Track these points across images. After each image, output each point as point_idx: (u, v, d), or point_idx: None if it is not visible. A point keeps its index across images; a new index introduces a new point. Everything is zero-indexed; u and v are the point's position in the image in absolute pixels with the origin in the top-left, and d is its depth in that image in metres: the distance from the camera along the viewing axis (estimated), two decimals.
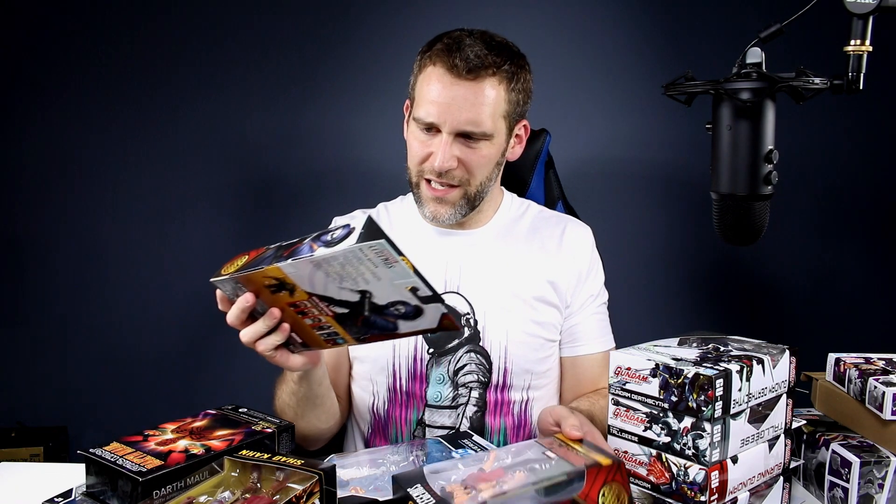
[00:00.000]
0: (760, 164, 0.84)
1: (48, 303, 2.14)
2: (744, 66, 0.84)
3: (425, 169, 1.09)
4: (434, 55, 1.06)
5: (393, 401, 1.11)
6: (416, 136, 1.09)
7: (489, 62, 1.05)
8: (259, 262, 0.78)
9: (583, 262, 1.18)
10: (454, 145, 1.06)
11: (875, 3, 0.77)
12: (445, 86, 1.04)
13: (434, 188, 1.10)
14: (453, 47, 1.05)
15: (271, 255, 0.77)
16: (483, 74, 1.04)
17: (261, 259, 0.79)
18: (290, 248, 0.76)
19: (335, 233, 0.72)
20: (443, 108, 1.05)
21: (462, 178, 1.09)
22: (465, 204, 1.12)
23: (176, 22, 2.07)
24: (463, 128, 1.05)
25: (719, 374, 0.76)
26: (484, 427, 1.10)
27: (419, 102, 1.08)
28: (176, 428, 0.84)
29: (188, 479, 0.75)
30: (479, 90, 1.05)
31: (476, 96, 1.05)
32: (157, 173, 2.10)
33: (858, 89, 0.81)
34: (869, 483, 0.87)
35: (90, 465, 0.77)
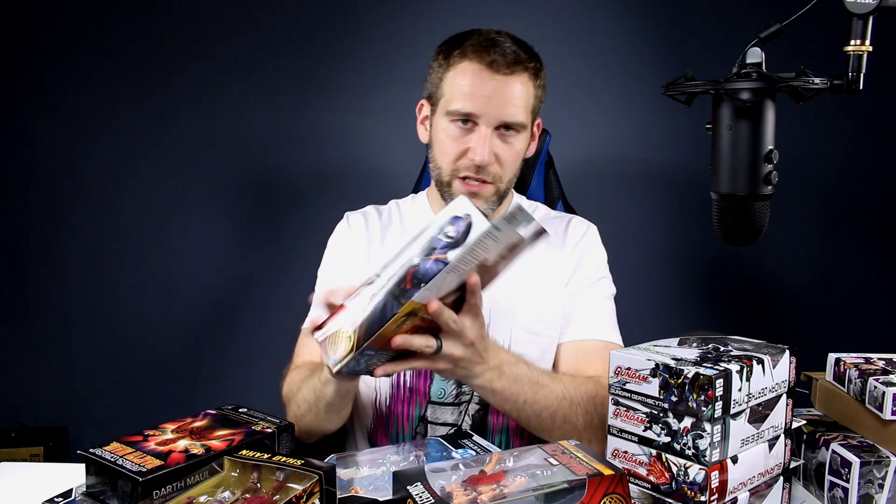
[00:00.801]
0: (760, 164, 0.84)
1: (49, 303, 2.14)
2: (744, 66, 0.83)
3: (461, 166, 1.09)
4: (468, 51, 1.07)
5: (396, 396, 1.11)
6: (450, 132, 1.09)
7: (522, 58, 1.07)
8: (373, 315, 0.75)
9: (581, 252, 1.18)
10: (491, 139, 1.07)
11: (875, 3, 0.77)
12: (484, 80, 1.05)
13: (470, 184, 1.09)
14: (488, 44, 1.06)
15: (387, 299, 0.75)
16: (517, 70, 1.06)
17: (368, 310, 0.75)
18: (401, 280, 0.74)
19: (448, 231, 0.74)
20: (483, 100, 1.05)
21: (496, 174, 1.09)
22: (496, 200, 1.12)
23: (178, 22, 2.07)
24: (503, 119, 1.06)
25: (719, 374, 0.76)
26: (486, 425, 1.10)
27: (453, 96, 1.07)
28: (176, 428, 0.84)
29: (188, 479, 0.75)
30: (515, 84, 1.07)
31: (513, 90, 1.06)
32: (159, 173, 2.11)
33: (858, 89, 0.81)
34: (869, 483, 0.87)
35: (90, 465, 0.77)
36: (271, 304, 2.05)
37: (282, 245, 2.07)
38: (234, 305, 2.13)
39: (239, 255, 2.11)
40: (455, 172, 1.10)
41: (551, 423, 0.99)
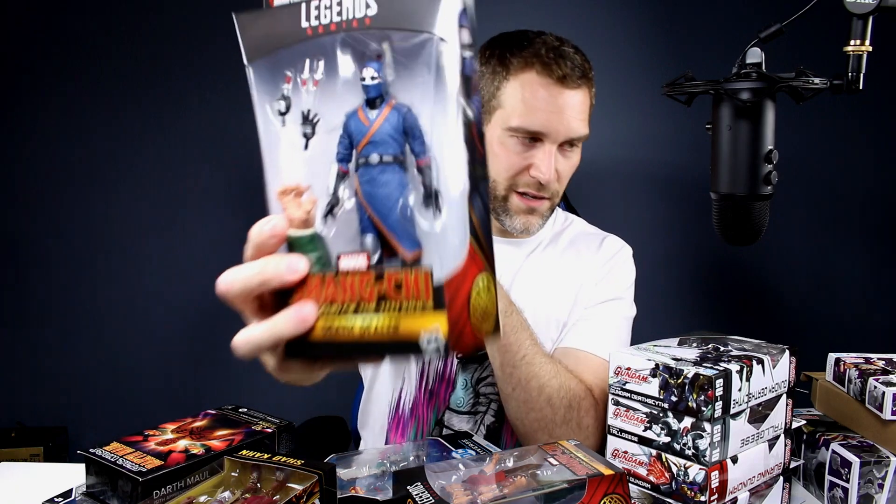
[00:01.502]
0: (760, 164, 0.84)
1: (48, 303, 2.14)
2: (744, 66, 0.83)
3: (521, 182, 1.05)
4: (535, 62, 1.01)
5: (417, 399, 1.11)
6: (510, 146, 1.03)
7: (587, 69, 1.04)
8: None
9: (608, 269, 1.15)
10: (555, 154, 1.03)
11: (875, 4, 0.77)
12: (554, 96, 1.01)
13: (529, 200, 1.06)
14: (555, 54, 1.01)
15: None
16: (583, 83, 1.03)
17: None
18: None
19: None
20: (554, 117, 1.01)
21: (555, 190, 1.07)
22: (549, 213, 1.10)
23: (177, 20, 2.07)
24: (570, 135, 1.02)
25: (719, 374, 0.76)
26: (500, 439, 1.09)
27: (517, 111, 1.02)
28: (176, 428, 0.84)
29: (188, 479, 0.75)
30: (581, 97, 1.03)
31: (580, 103, 1.03)
32: (159, 174, 2.11)
33: (858, 89, 0.81)
34: (869, 483, 0.87)
35: (90, 465, 0.77)
36: None
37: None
38: None
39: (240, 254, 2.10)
40: (513, 187, 1.06)
41: (536, 396, 0.95)
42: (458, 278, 0.45)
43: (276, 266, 0.47)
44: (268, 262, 0.48)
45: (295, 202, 0.50)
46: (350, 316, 0.47)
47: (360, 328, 0.47)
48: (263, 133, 0.51)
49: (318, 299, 0.48)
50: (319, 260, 0.49)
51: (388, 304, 0.46)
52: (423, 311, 0.45)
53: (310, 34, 0.48)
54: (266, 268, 0.48)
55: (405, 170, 0.48)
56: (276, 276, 0.47)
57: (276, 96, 0.51)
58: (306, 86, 0.50)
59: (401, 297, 0.46)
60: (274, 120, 0.51)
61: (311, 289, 0.49)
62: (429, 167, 0.46)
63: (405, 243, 0.47)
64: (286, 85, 0.50)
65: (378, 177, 0.48)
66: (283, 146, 0.50)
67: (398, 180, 0.48)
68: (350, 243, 0.49)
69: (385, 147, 0.48)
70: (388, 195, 0.47)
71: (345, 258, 0.48)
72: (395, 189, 0.47)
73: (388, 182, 0.48)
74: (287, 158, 0.50)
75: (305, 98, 0.50)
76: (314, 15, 0.48)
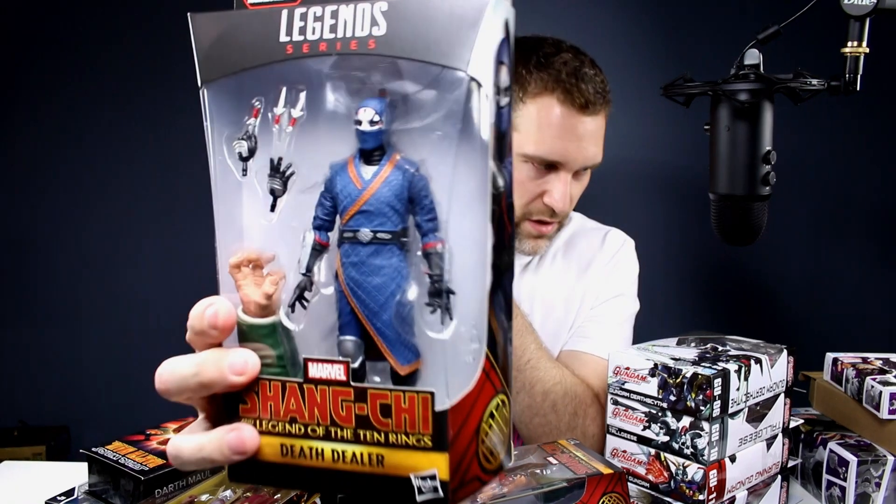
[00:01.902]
0: (758, 164, 0.84)
1: (51, 303, 2.15)
2: (742, 67, 0.84)
3: (535, 209, 1.01)
4: (555, 87, 0.95)
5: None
6: (524, 172, 0.98)
7: (607, 90, 0.99)
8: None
9: (612, 266, 1.14)
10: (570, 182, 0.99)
11: (871, 6, 0.78)
12: (574, 123, 0.96)
13: (540, 226, 1.03)
14: (576, 77, 0.96)
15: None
16: (603, 106, 0.99)
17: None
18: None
19: None
20: (572, 145, 0.96)
21: (565, 214, 1.03)
22: (556, 234, 1.08)
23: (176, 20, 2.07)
24: (587, 163, 0.99)
25: (717, 373, 0.76)
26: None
27: (534, 138, 0.95)
28: (178, 427, 0.85)
29: (190, 477, 0.76)
30: (599, 122, 0.99)
31: (597, 129, 0.99)
32: (159, 174, 2.11)
33: (855, 90, 0.81)
34: (866, 482, 0.88)
35: (92, 464, 0.78)
36: None
37: None
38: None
39: None
40: (526, 215, 1.02)
41: (541, 402, 0.93)
42: (467, 404, 0.34)
43: (216, 364, 0.36)
44: (206, 359, 0.36)
45: (253, 278, 0.37)
46: (318, 441, 0.35)
47: (331, 455, 0.35)
48: (218, 179, 0.38)
49: (273, 414, 0.36)
50: (280, 360, 0.37)
51: (371, 435, 0.34)
52: (418, 448, 0.33)
53: (290, 53, 0.35)
54: (204, 366, 0.36)
55: (406, 252, 0.36)
56: (216, 377, 0.36)
57: (238, 134, 0.38)
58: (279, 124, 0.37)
59: (389, 427, 0.34)
60: (232, 165, 0.38)
61: (266, 397, 0.36)
62: (439, 254, 0.35)
63: (399, 353, 0.36)
64: (252, 119, 0.37)
65: (369, 259, 0.36)
66: (243, 202, 0.38)
67: (395, 267, 0.36)
68: (323, 343, 0.37)
69: (381, 220, 0.36)
70: (380, 286, 0.35)
71: (315, 364, 0.35)
72: (391, 278, 0.36)
73: (382, 268, 0.36)
74: (246, 218, 0.38)
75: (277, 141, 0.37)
76: (298, 27, 0.35)
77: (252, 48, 0.36)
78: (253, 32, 0.36)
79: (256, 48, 0.36)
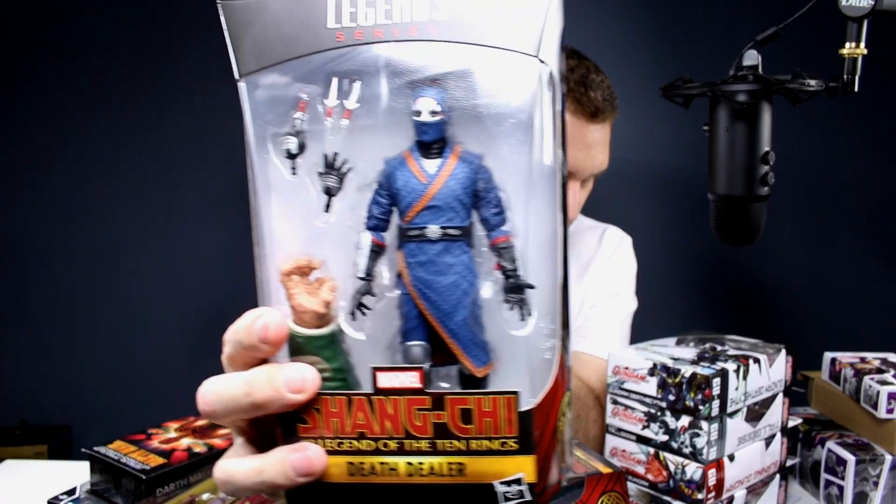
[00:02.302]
0: (757, 165, 0.85)
1: (53, 302, 2.15)
2: (740, 68, 0.84)
3: None
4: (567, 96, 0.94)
5: None
6: None
7: (614, 95, 0.99)
8: None
9: (611, 264, 1.13)
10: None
11: (870, 7, 0.78)
12: (583, 132, 0.95)
13: None
14: (585, 86, 0.95)
15: None
16: (611, 112, 0.98)
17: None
18: None
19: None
20: (581, 154, 0.96)
21: (571, 222, 1.04)
22: None
23: (176, 19, 2.07)
24: (595, 171, 0.99)
25: (716, 373, 0.76)
26: None
27: None
28: (179, 426, 0.85)
29: (191, 477, 0.76)
30: (606, 129, 0.99)
31: (605, 136, 0.99)
32: (161, 173, 2.11)
33: (853, 91, 0.82)
34: (864, 481, 0.88)
35: (94, 463, 0.78)
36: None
37: None
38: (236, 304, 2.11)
39: (241, 253, 2.10)
40: None
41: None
42: (548, 402, 0.32)
43: (270, 382, 0.32)
44: (257, 377, 0.33)
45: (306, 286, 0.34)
46: (390, 456, 0.33)
47: (406, 468, 0.33)
48: (260, 179, 0.35)
49: (338, 431, 0.33)
50: (339, 372, 0.34)
51: (450, 443, 0.32)
52: (502, 452, 0.32)
53: (340, 40, 0.32)
54: (256, 384, 0.33)
55: (472, 247, 0.34)
56: (271, 397, 0.32)
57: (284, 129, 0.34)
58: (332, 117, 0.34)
59: (470, 433, 0.32)
60: (279, 164, 0.35)
61: (328, 414, 0.33)
62: (508, 247, 0.33)
63: (474, 354, 0.33)
64: (299, 114, 0.34)
65: (438, 258, 0.33)
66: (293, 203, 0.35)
67: (466, 264, 0.33)
68: (387, 351, 0.34)
69: (450, 215, 0.33)
70: (452, 285, 0.33)
71: (386, 374, 0.32)
72: (463, 276, 0.33)
73: (453, 266, 0.33)
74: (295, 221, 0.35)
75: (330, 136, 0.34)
76: (348, 12, 0.32)
77: (297, 36, 0.33)
78: (297, 19, 0.33)
79: (302, 36, 0.33)
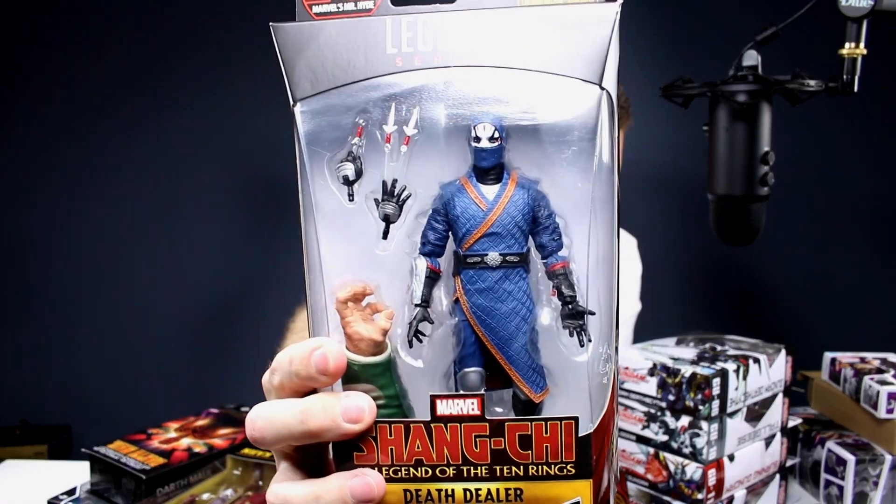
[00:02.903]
0: (757, 165, 0.85)
1: (53, 302, 2.15)
2: (740, 68, 0.84)
3: None
4: None
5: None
6: None
7: (629, 105, 0.99)
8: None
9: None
10: None
11: (869, 7, 0.78)
12: None
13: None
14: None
15: None
16: (625, 123, 0.99)
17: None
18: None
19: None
20: None
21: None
22: None
23: (176, 20, 2.08)
24: None
25: (716, 373, 0.76)
26: None
27: None
28: (179, 426, 0.85)
29: (191, 476, 0.76)
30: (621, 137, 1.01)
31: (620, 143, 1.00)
32: (161, 172, 2.12)
33: (853, 91, 0.82)
34: (864, 481, 0.88)
35: (94, 463, 0.78)
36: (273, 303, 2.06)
37: (283, 244, 2.08)
38: (237, 304, 2.14)
39: (241, 253, 2.11)
40: None
41: None
42: (604, 427, 0.33)
43: (326, 412, 0.32)
44: (312, 406, 0.33)
45: (361, 313, 0.34)
46: (448, 483, 0.33)
47: (464, 494, 0.33)
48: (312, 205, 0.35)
49: (395, 459, 0.33)
50: (394, 399, 0.34)
51: (509, 469, 0.32)
52: (560, 477, 0.32)
53: (399, 65, 0.32)
54: (312, 413, 0.32)
55: (529, 273, 0.34)
56: (328, 426, 0.32)
57: (341, 156, 0.34)
58: (391, 143, 0.33)
59: (528, 459, 0.32)
60: (336, 190, 0.34)
61: (385, 441, 0.33)
62: (566, 273, 0.33)
63: (532, 380, 0.34)
64: (357, 139, 0.34)
65: (497, 285, 0.33)
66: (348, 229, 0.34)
67: (524, 290, 0.34)
68: (444, 378, 0.34)
69: (510, 242, 0.33)
70: (511, 312, 0.33)
71: (444, 401, 0.32)
72: (521, 303, 0.33)
73: (512, 293, 0.33)
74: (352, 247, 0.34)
75: (390, 162, 0.34)
76: (406, 37, 0.32)
77: (354, 61, 0.33)
78: (354, 44, 0.33)
79: (359, 61, 0.33)
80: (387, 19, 0.32)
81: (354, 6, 0.33)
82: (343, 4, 0.33)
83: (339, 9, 0.33)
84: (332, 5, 0.33)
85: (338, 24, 0.33)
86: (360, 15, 0.33)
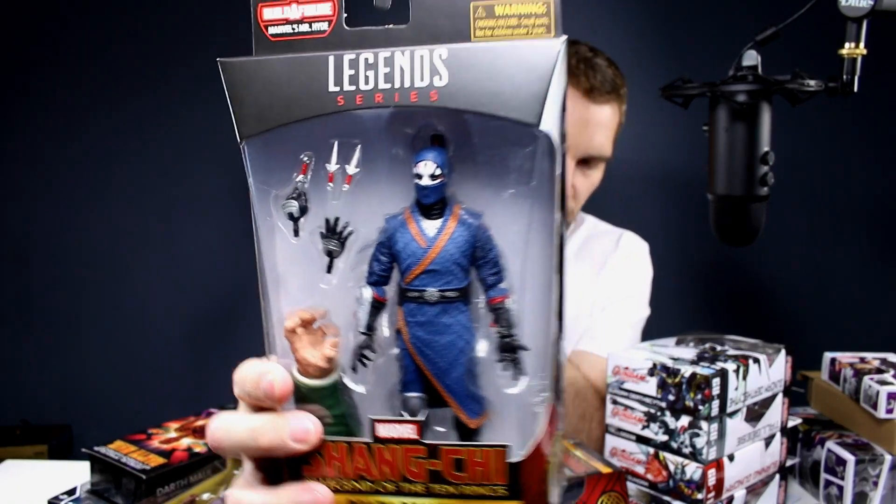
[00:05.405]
0: (756, 165, 0.85)
1: (53, 302, 2.15)
2: (740, 68, 0.84)
3: None
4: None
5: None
6: None
7: (618, 84, 1.00)
8: None
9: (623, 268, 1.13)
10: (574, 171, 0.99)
11: (869, 7, 0.78)
12: (578, 108, 0.97)
13: None
14: (585, 65, 0.97)
15: None
16: (612, 98, 1.00)
17: None
18: None
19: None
20: (575, 129, 0.97)
21: (570, 208, 1.03)
22: (568, 234, 1.08)
23: (176, 21, 2.08)
24: (591, 152, 0.99)
25: (716, 373, 0.76)
26: None
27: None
28: (179, 426, 0.85)
29: (191, 476, 0.76)
30: (607, 113, 1.00)
31: (605, 119, 0.99)
32: (161, 173, 2.12)
33: (853, 91, 0.82)
34: (864, 481, 0.88)
35: (94, 463, 0.78)
36: None
37: None
38: (237, 304, 2.14)
39: (241, 254, 2.11)
40: None
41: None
42: (538, 452, 0.33)
43: (276, 432, 0.35)
44: (264, 425, 0.35)
45: (309, 338, 0.36)
46: (388, 496, 0.35)
47: None
48: (264, 240, 0.36)
49: (340, 472, 0.35)
50: (340, 419, 0.36)
51: (444, 488, 0.34)
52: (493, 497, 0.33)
53: (341, 104, 0.32)
54: (262, 432, 0.35)
55: (469, 306, 0.35)
56: (276, 444, 0.35)
57: (287, 193, 0.35)
58: (334, 182, 0.34)
59: (463, 480, 0.33)
60: (282, 226, 0.36)
61: (331, 458, 0.35)
62: (507, 308, 0.34)
63: (468, 407, 0.35)
64: (301, 176, 0.35)
65: (436, 319, 0.34)
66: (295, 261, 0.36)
67: (463, 324, 0.35)
68: (388, 401, 0.36)
69: (448, 278, 0.34)
70: (449, 344, 0.34)
71: (385, 425, 0.34)
72: (459, 336, 0.35)
73: (450, 326, 0.34)
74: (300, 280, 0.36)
75: (333, 200, 0.35)
76: (348, 75, 0.32)
77: (298, 99, 0.32)
78: (298, 81, 0.32)
79: (303, 99, 0.32)
80: (330, 58, 0.32)
81: (309, 28, 0.33)
82: (298, 26, 0.33)
83: (295, 30, 0.33)
84: (288, 26, 0.33)
85: (282, 60, 0.33)
86: (315, 37, 0.33)
